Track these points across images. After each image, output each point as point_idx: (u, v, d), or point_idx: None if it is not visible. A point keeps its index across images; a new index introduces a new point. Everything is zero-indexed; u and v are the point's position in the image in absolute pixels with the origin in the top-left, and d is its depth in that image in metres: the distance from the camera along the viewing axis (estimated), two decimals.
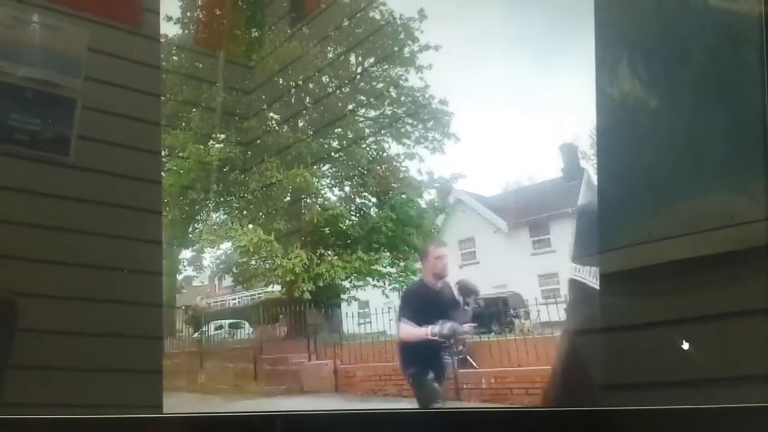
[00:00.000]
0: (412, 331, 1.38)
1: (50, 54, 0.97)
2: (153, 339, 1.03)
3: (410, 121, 1.74)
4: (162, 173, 1.18)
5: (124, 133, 1.04)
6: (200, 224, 1.73)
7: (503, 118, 1.40)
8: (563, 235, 1.62)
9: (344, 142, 1.77)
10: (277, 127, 1.72)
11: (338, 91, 1.73)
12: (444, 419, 0.99)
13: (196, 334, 1.76)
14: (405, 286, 1.72)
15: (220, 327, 1.84)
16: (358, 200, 1.80)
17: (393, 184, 1.75)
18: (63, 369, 0.97)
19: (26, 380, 0.95)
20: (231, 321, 1.85)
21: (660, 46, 1.01)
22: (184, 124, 1.62)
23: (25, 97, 0.96)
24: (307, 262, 1.71)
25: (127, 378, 1.00)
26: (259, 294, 1.85)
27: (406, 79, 1.70)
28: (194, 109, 1.61)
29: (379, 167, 1.77)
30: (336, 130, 1.76)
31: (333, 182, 1.81)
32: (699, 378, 0.96)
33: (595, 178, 1.08)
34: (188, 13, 1.51)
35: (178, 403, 1.08)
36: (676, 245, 0.99)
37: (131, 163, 1.05)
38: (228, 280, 1.86)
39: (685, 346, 0.97)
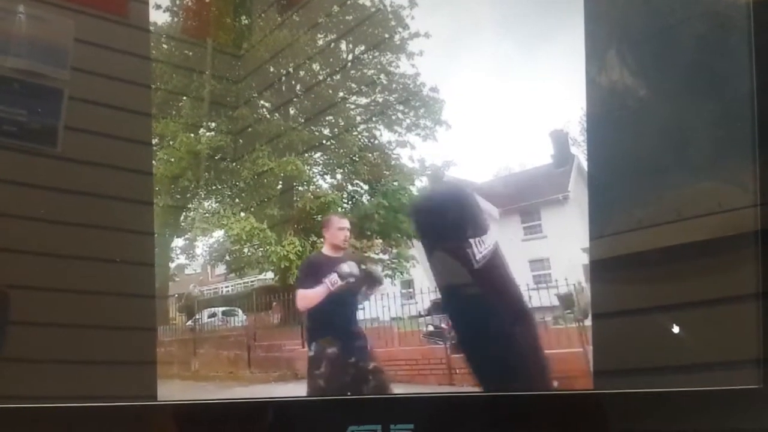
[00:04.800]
0: (310, 293, 1.33)
1: (37, 44, 0.96)
2: (146, 330, 1.04)
3: (401, 108, 1.74)
4: (153, 162, 1.18)
5: (113, 123, 1.04)
6: (192, 212, 1.72)
7: (494, 105, 1.40)
8: (554, 221, 1.63)
9: (335, 129, 1.76)
10: (268, 116, 1.71)
11: (329, 79, 1.72)
12: (435, 403, 1.00)
13: (189, 322, 1.76)
14: (398, 272, 1.72)
15: (214, 314, 1.84)
16: (350, 188, 1.79)
17: (385, 172, 1.75)
18: (55, 361, 0.97)
19: (18, 373, 0.95)
20: (224, 308, 1.85)
21: (649, 35, 1.01)
22: (174, 112, 1.61)
23: (12, 88, 0.95)
24: (301, 249, 1.71)
25: (121, 369, 1.00)
26: (252, 281, 1.85)
27: (398, 66, 1.69)
28: (184, 98, 1.60)
29: (370, 155, 1.76)
30: (327, 118, 1.75)
31: (325, 170, 1.81)
32: (689, 363, 0.97)
33: (585, 165, 1.08)
34: (177, 1, 1.49)
35: (172, 391, 1.08)
36: (665, 232, 0.99)
37: (121, 153, 1.04)
38: (221, 268, 1.86)
39: (675, 331, 0.98)
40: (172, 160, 1.62)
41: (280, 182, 1.76)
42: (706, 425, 0.93)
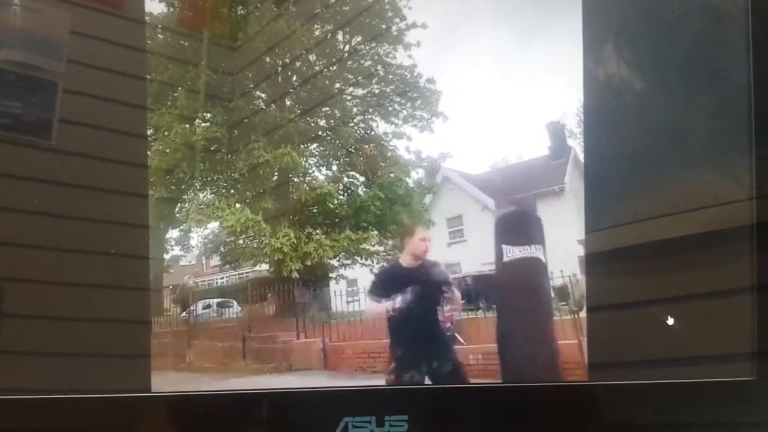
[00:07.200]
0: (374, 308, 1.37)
1: (32, 36, 0.96)
2: (141, 323, 1.04)
3: (398, 99, 1.73)
4: (148, 154, 1.18)
5: (108, 115, 1.03)
6: (187, 204, 1.72)
7: (491, 96, 1.39)
8: (550, 213, 1.63)
9: (332, 121, 1.76)
10: (264, 107, 1.70)
11: (326, 70, 1.71)
12: (430, 395, 1.00)
13: (183, 314, 1.76)
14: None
15: (208, 306, 1.83)
16: (346, 179, 1.79)
17: (381, 163, 1.75)
18: (49, 354, 0.97)
19: (12, 365, 0.95)
20: (219, 300, 1.84)
21: (646, 27, 1.01)
22: (169, 103, 1.60)
23: (7, 80, 0.95)
24: (295, 241, 1.71)
25: (115, 361, 1.00)
26: (247, 273, 1.85)
27: (394, 57, 1.69)
28: (179, 89, 1.59)
29: (367, 146, 1.76)
30: (323, 110, 1.74)
31: (321, 161, 1.80)
32: (683, 356, 0.98)
33: (582, 157, 1.08)
34: None
35: (166, 382, 1.08)
36: (661, 225, 0.99)
37: (116, 146, 1.04)
38: (216, 260, 1.86)
39: (670, 323, 0.98)
40: (167, 151, 1.61)
41: (276, 174, 1.76)
42: (701, 417, 0.93)
